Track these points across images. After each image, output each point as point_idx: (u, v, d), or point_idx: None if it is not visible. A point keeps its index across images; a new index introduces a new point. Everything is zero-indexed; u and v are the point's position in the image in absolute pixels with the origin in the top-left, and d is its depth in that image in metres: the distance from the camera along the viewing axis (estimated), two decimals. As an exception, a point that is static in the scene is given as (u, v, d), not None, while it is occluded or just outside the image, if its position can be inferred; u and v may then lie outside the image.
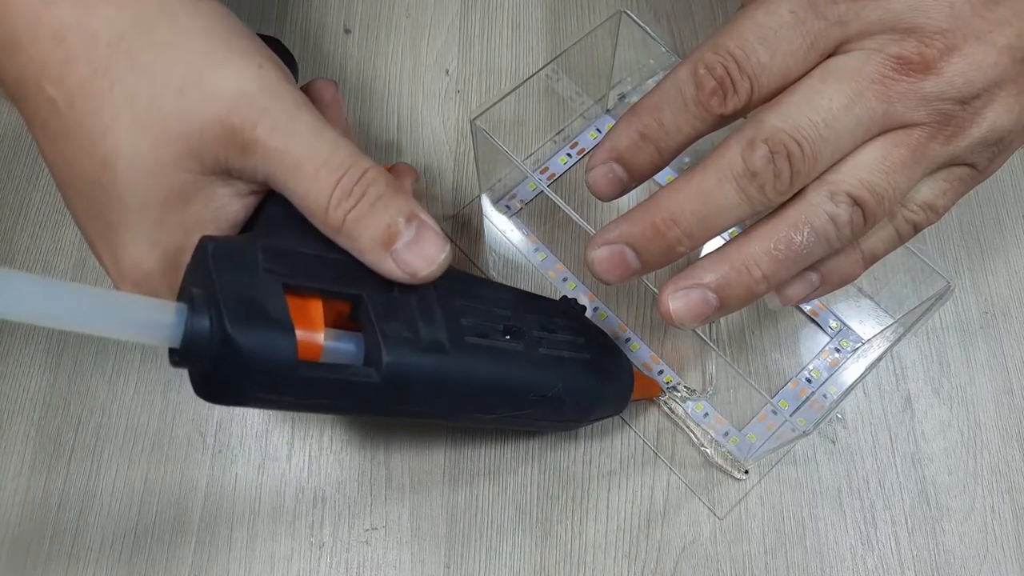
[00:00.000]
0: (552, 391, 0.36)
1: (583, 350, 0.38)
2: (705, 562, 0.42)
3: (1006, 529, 0.42)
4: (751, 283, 0.31)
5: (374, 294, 0.32)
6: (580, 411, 0.39)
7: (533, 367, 0.36)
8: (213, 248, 0.30)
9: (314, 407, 0.32)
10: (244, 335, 0.28)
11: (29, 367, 0.45)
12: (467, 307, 0.35)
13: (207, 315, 0.28)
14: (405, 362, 0.31)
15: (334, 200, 0.32)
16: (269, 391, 0.29)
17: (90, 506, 0.43)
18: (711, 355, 0.45)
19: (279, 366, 0.28)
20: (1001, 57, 0.30)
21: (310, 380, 0.30)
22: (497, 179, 0.49)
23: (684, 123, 0.31)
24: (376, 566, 0.42)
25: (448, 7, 0.55)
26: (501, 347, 0.35)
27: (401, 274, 0.32)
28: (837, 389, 0.45)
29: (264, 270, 0.30)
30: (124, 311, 0.27)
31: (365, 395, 0.31)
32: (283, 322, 0.29)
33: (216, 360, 0.28)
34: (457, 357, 0.33)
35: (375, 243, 0.32)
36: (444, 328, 0.33)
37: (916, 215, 0.33)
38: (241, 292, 0.29)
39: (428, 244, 0.33)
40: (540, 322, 0.38)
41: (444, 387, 0.33)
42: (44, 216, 0.49)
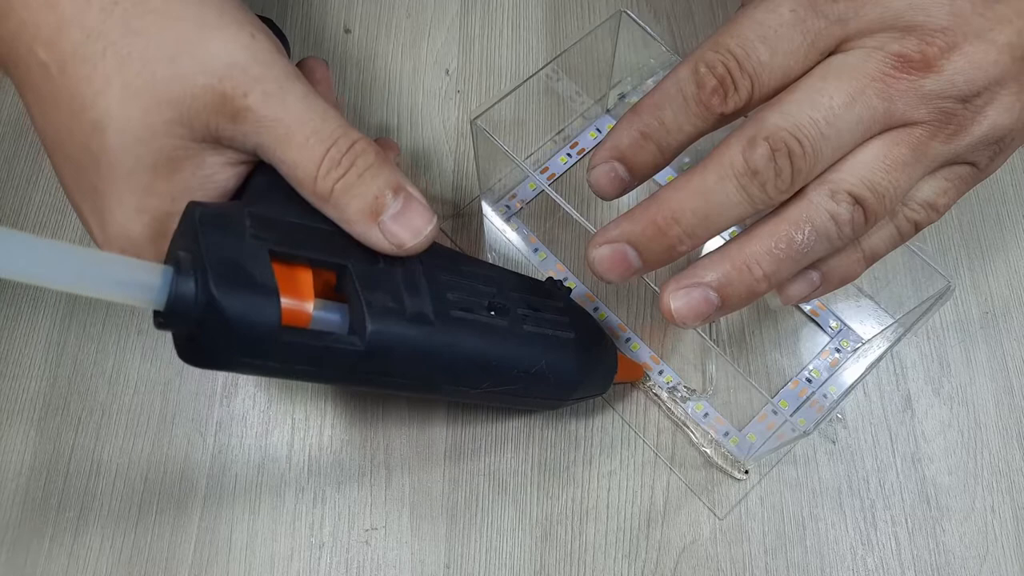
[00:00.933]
0: (535, 367, 0.37)
1: (567, 329, 0.39)
2: (705, 562, 0.42)
3: (1006, 529, 0.42)
4: (752, 282, 0.31)
5: (360, 265, 0.33)
6: (563, 389, 0.39)
7: (517, 343, 0.36)
8: (200, 213, 0.30)
9: (298, 374, 0.32)
10: (229, 298, 0.28)
11: (29, 367, 0.45)
12: (453, 282, 0.36)
13: (193, 278, 0.28)
14: (389, 331, 0.32)
15: (323, 170, 0.32)
16: (252, 355, 0.29)
17: (90, 506, 0.43)
18: (711, 355, 0.45)
19: (263, 330, 0.29)
20: (1002, 55, 0.30)
21: (294, 345, 0.30)
22: (497, 179, 0.49)
23: (685, 122, 0.32)
24: (376, 566, 0.42)
25: (448, 7, 0.55)
26: (485, 322, 0.35)
27: (388, 245, 0.33)
28: (837, 389, 0.45)
29: (251, 236, 0.30)
30: (110, 271, 0.27)
31: (349, 363, 0.32)
32: (268, 287, 0.29)
33: (200, 323, 0.28)
34: (441, 329, 0.33)
35: (362, 213, 0.33)
36: (429, 301, 0.34)
37: (917, 214, 0.33)
38: (227, 256, 0.29)
39: (415, 216, 0.33)
40: (525, 300, 0.38)
41: (427, 358, 0.33)
42: (44, 216, 0.49)
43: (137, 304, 0.28)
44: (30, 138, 0.51)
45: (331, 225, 0.33)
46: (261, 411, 0.45)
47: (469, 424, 0.44)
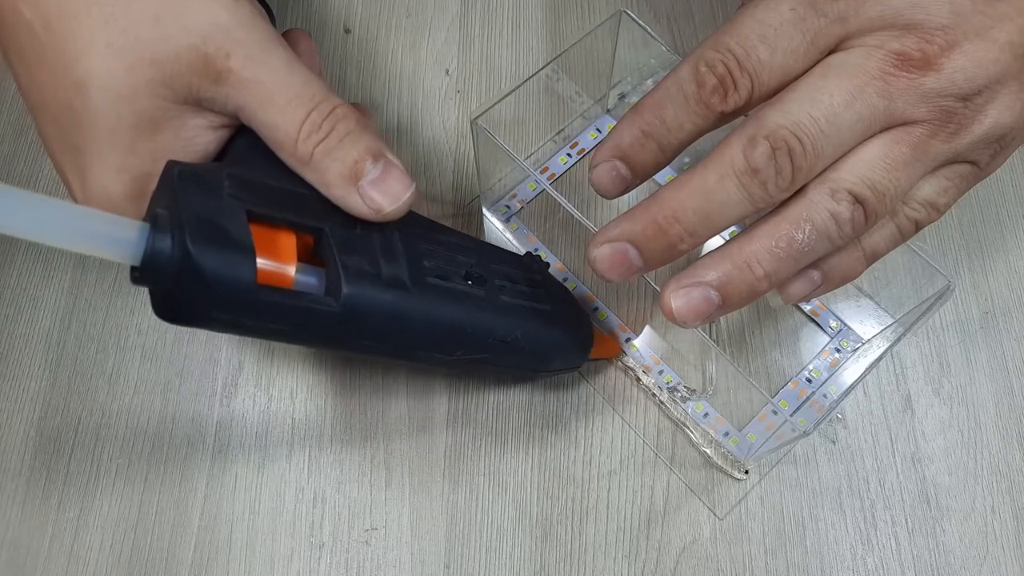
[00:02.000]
0: (510, 337, 0.37)
1: (543, 301, 0.39)
2: (705, 562, 0.42)
3: (1006, 529, 0.42)
4: (753, 281, 0.31)
5: (337, 229, 0.33)
6: (537, 359, 0.40)
7: (493, 312, 0.37)
8: (179, 171, 0.30)
9: (273, 333, 0.32)
10: (205, 254, 0.28)
11: (29, 367, 0.45)
12: (430, 251, 0.36)
13: (169, 234, 0.28)
14: (364, 294, 0.32)
15: (303, 133, 0.32)
16: (228, 312, 0.30)
17: (90, 506, 0.43)
18: (711, 355, 0.45)
19: (238, 287, 0.29)
20: (1002, 53, 0.30)
21: (269, 304, 0.30)
22: (497, 179, 0.49)
23: (686, 120, 0.32)
24: (376, 566, 0.42)
25: (448, 7, 0.55)
26: (461, 290, 0.36)
27: (366, 210, 0.33)
28: (837, 389, 0.45)
29: (229, 196, 0.31)
30: (87, 225, 0.27)
31: (324, 325, 0.32)
32: (244, 245, 0.29)
33: (176, 278, 0.28)
34: (417, 295, 0.34)
35: (342, 178, 0.33)
36: (406, 267, 0.34)
37: (918, 213, 0.33)
38: (204, 214, 0.29)
39: (394, 182, 0.34)
40: (503, 272, 0.38)
41: (402, 323, 0.34)
42: (44, 216, 0.49)
43: (114, 259, 0.28)
44: (30, 138, 0.51)
45: (310, 190, 0.34)
46: (261, 411, 0.45)
47: (469, 424, 0.44)
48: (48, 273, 0.47)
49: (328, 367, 0.46)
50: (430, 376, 0.45)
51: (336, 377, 0.45)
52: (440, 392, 0.45)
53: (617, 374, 0.45)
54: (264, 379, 0.45)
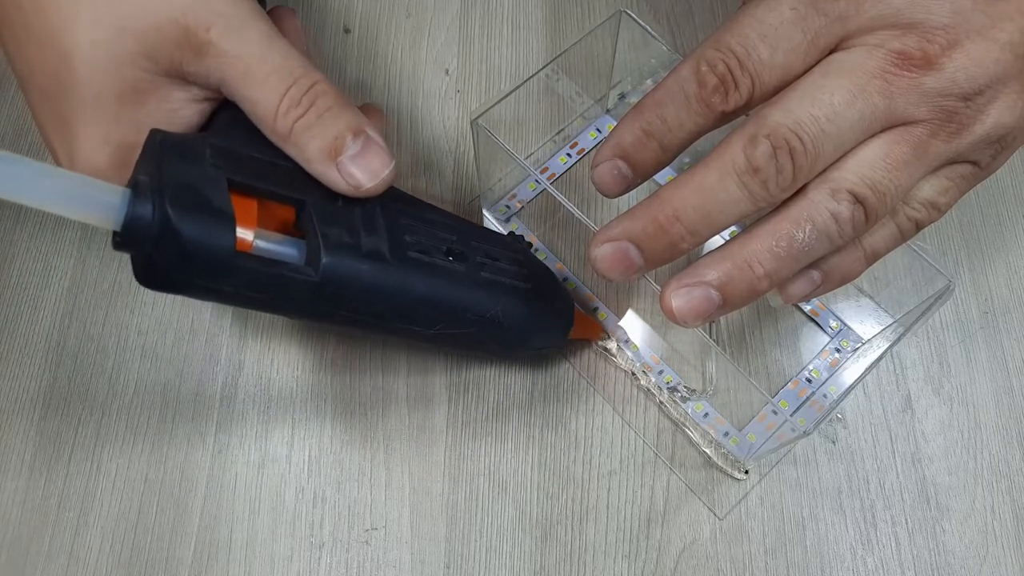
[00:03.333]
0: (489, 313, 0.37)
1: (524, 280, 0.39)
2: (705, 562, 0.42)
3: (1006, 529, 0.42)
4: (753, 280, 0.31)
5: (318, 201, 0.34)
6: (517, 337, 0.40)
7: (473, 287, 0.37)
8: (161, 139, 0.31)
9: (253, 302, 0.32)
10: (184, 221, 0.29)
11: (29, 367, 0.45)
12: (412, 226, 0.36)
13: (150, 200, 0.29)
14: (343, 264, 0.32)
15: (283, 108, 0.33)
16: (207, 278, 0.30)
17: (90, 506, 0.43)
18: (711, 355, 0.45)
19: (217, 253, 0.29)
20: (1004, 53, 0.30)
21: (248, 272, 0.31)
22: (497, 179, 0.49)
23: (687, 120, 0.32)
24: (376, 566, 0.42)
25: (448, 7, 0.55)
26: (442, 265, 0.36)
27: (345, 185, 0.34)
28: (837, 389, 0.45)
29: (210, 164, 0.31)
30: (70, 188, 0.28)
31: (302, 294, 0.32)
32: (224, 212, 0.30)
33: (156, 244, 0.29)
34: (396, 268, 0.34)
35: (321, 153, 0.33)
36: (386, 240, 0.34)
37: (918, 213, 0.33)
38: (185, 181, 0.30)
39: (373, 158, 0.34)
40: (484, 250, 0.39)
41: (381, 295, 0.34)
42: (44, 216, 0.49)
43: (95, 223, 0.29)
44: (30, 138, 0.51)
45: (293, 163, 0.34)
46: (261, 411, 0.45)
47: (469, 424, 0.44)
48: (48, 273, 0.47)
49: (328, 367, 0.46)
50: (430, 376, 0.45)
51: (336, 377, 0.45)
52: (440, 392, 0.45)
53: (618, 374, 0.45)
54: (264, 379, 0.45)
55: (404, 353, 0.46)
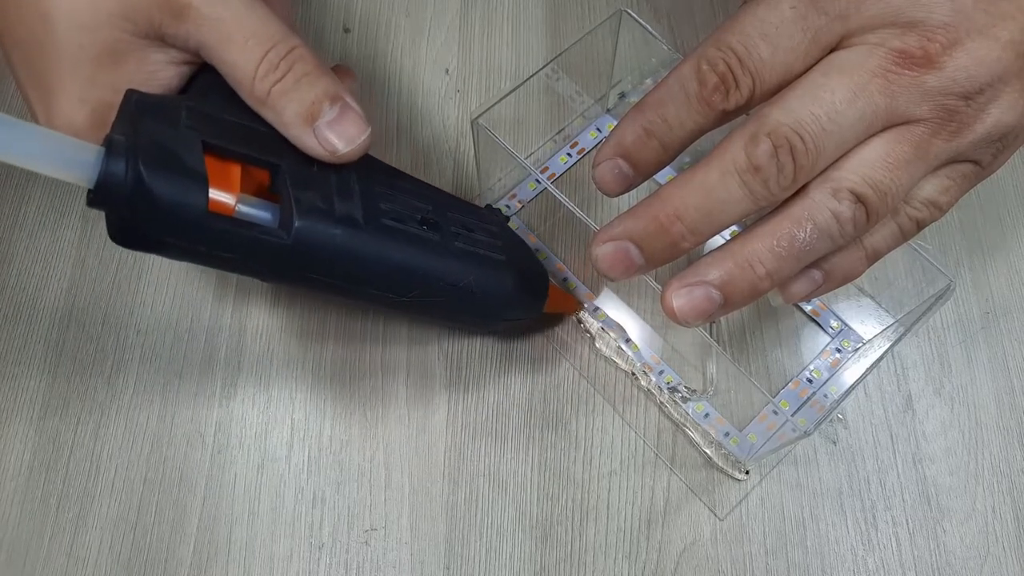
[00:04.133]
0: (462, 282, 0.38)
1: (498, 252, 0.40)
2: (705, 563, 0.42)
3: (1007, 529, 0.42)
4: (755, 280, 0.31)
5: (293, 166, 0.34)
6: (490, 307, 0.40)
7: (446, 256, 0.37)
8: (137, 99, 0.32)
9: (227, 263, 0.33)
10: (157, 179, 0.29)
11: (29, 367, 0.45)
12: (387, 195, 0.37)
13: (124, 159, 0.29)
14: (315, 228, 0.33)
15: (260, 72, 0.33)
16: (180, 237, 0.31)
17: (89, 506, 0.43)
18: (712, 355, 0.45)
19: (190, 213, 0.30)
20: (1004, 52, 0.29)
21: (221, 232, 0.31)
22: (497, 179, 0.49)
23: (688, 119, 0.32)
24: (376, 566, 0.42)
25: (448, 7, 0.55)
26: (416, 233, 0.37)
27: (321, 151, 0.34)
28: (838, 389, 0.45)
29: (185, 126, 0.32)
30: (45, 145, 0.28)
31: (275, 256, 0.33)
32: (197, 172, 0.30)
33: (130, 202, 0.29)
34: (370, 234, 0.35)
35: (298, 118, 0.34)
36: (360, 206, 0.35)
37: (919, 212, 0.33)
38: (159, 141, 0.30)
39: (350, 125, 0.34)
40: (460, 221, 0.39)
41: (354, 260, 0.34)
42: (43, 216, 0.49)
43: (70, 180, 0.29)
44: (29, 138, 0.51)
45: (269, 128, 0.35)
46: (261, 411, 0.45)
47: (469, 424, 0.44)
48: (48, 273, 0.47)
49: (328, 367, 0.46)
50: (430, 376, 0.45)
51: (336, 377, 0.45)
52: (440, 392, 0.45)
53: (618, 374, 0.45)
54: (264, 379, 0.45)
55: (404, 353, 0.46)
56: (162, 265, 0.47)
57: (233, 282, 0.47)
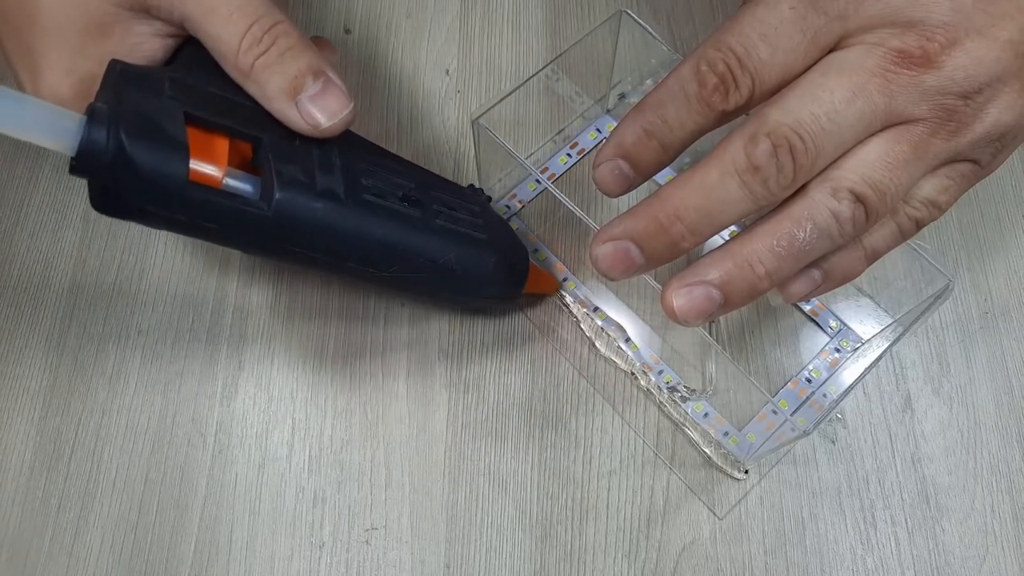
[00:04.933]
0: (443, 259, 0.38)
1: (480, 231, 0.40)
2: (705, 562, 0.42)
3: (1006, 529, 0.42)
4: (754, 279, 0.31)
5: (276, 140, 0.34)
6: (470, 285, 0.41)
7: (427, 233, 0.38)
8: (121, 69, 0.32)
9: (208, 233, 0.33)
10: (138, 148, 0.30)
11: (29, 367, 0.45)
12: (370, 171, 0.37)
13: (105, 127, 0.29)
14: (296, 201, 0.33)
15: (244, 45, 0.34)
16: (160, 206, 0.31)
17: (90, 506, 0.43)
18: (711, 355, 0.45)
19: (170, 181, 0.30)
20: (1004, 52, 0.30)
21: (202, 202, 0.31)
22: (497, 179, 0.49)
23: (687, 119, 0.32)
24: (376, 566, 0.42)
25: (448, 7, 0.55)
26: (397, 209, 0.37)
27: (304, 124, 0.35)
28: (837, 389, 0.45)
29: (168, 96, 0.32)
30: (28, 112, 0.29)
31: (255, 227, 0.33)
32: (178, 141, 0.31)
33: (111, 170, 0.30)
34: (350, 208, 0.35)
35: (281, 91, 0.34)
36: (342, 181, 0.35)
37: (919, 211, 0.33)
38: (142, 110, 0.31)
39: (332, 99, 0.35)
40: (441, 199, 0.40)
41: (334, 234, 0.35)
42: (44, 216, 0.49)
43: (53, 147, 0.29)
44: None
45: (253, 102, 0.35)
46: (261, 411, 0.45)
47: (469, 424, 0.44)
48: (48, 273, 0.47)
49: (328, 366, 0.46)
50: (430, 376, 0.45)
51: (336, 377, 0.45)
52: (440, 392, 0.45)
53: (617, 374, 0.45)
54: (264, 379, 0.45)
55: (405, 353, 0.46)
56: (163, 265, 0.48)
57: (234, 282, 0.47)
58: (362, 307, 0.47)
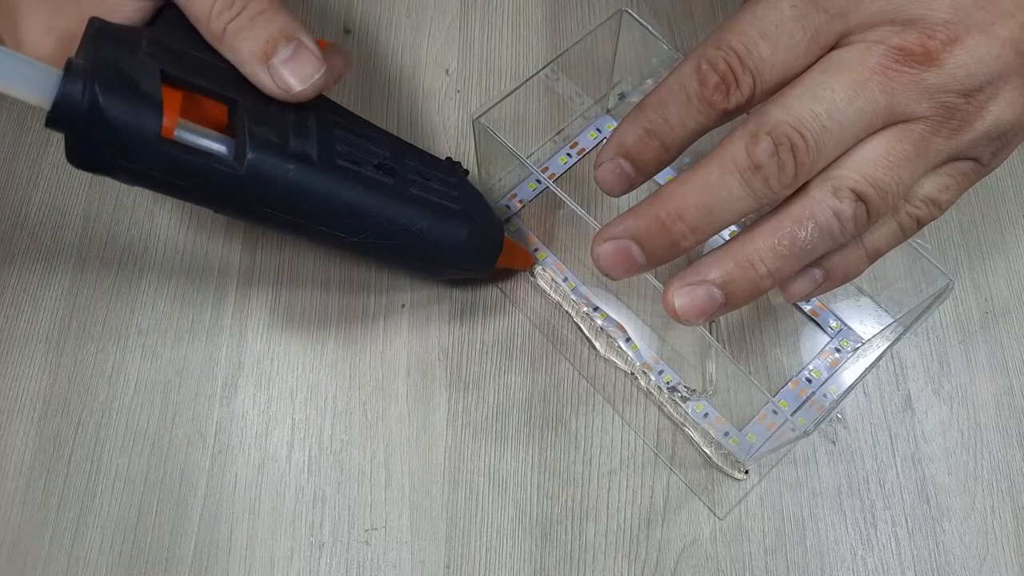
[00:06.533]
0: (415, 227, 0.39)
1: (455, 202, 0.41)
2: (705, 562, 0.42)
3: (1006, 529, 0.42)
4: (756, 279, 0.31)
5: (251, 103, 0.35)
6: (443, 254, 0.41)
7: (400, 200, 0.38)
8: (99, 26, 0.33)
9: (180, 190, 0.34)
10: (112, 103, 0.30)
11: (29, 367, 0.45)
12: (345, 138, 0.38)
13: (81, 81, 0.30)
14: (268, 162, 0.34)
15: (216, 9, 0.34)
16: (133, 161, 0.32)
17: (90, 506, 0.43)
18: (711, 355, 0.45)
19: (143, 137, 0.31)
20: (1004, 49, 0.30)
21: (175, 159, 0.32)
22: (497, 179, 0.49)
23: (688, 118, 0.32)
24: (376, 566, 0.42)
25: (448, 7, 0.55)
26: (370, 175, 0.38)
27: (276, 88, 0.35)
28: (837, 389, 0.45)
29: (145, 55, 0.33)
30: (5, 64, 0.29)
31: (227, 187, 0.34)
32: (152, 98, 0.31)
33: (85, 123, 0.30)
34: (323, 172, 0.36)
35: (253, 55, 0.35)
36: (316, 146, 0.36)
37: (919, 210, 0.33)
38: (118, 66, 0.31)
39: (304, 63, 0.35)
40: (417, 169, 0.40)
41: (306, 197, 0.35)
42: (44, 216, 0.49)
43: (29, 100, 0.30)
44: (30, 138, 0.51)
45: (229, 66, 0.35)
46: (261, 411, 0.45)
47: (469, 424, 0.44)
48: (48, 273, 0.47)
49: (328, 367, 0.46)
50: (430, 376, 0.45)
51: (336, 377, 0.45)
52: (440, 392, 0.45)
53: (617, 374, 0.45)
54: (264, 379, 0.45)
55: (405, 353, 0.46)
56: (163, 265, 0.48)
57: (234, 282, 0.47)
58: (362, 307, 0.47)
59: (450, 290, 0.47)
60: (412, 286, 0.47)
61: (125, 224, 0.49)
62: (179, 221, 0.49)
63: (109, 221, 0.49)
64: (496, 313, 0.47)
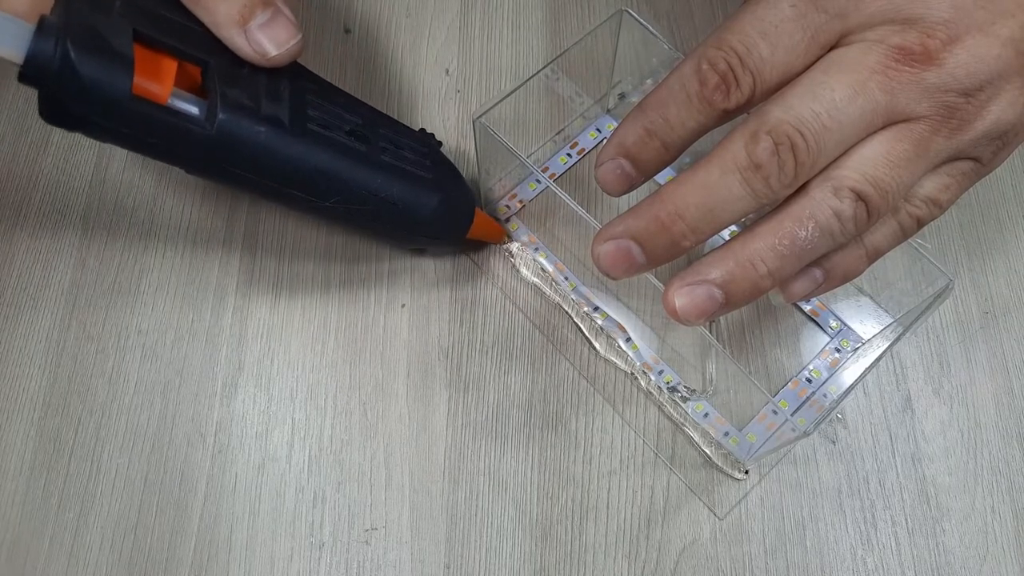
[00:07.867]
0: (385, 193, 0.39)
1: (427, 171, 0.41)
2: (705, 562, 0.42)
3: (1006, 529, 0.42)
4: (756, 279, 0.31)
5: (223, 65, 0.35)
6: (414, 223, 0.42)
7: (370, 167, 0.39)
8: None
9: (151, 148, 0.34)
10: (83, 59, 0.31)
11: (29, 367, 0.45)
12: (318, 104, 0.39)
13: (53, 37, 0.30)
14: (238, 123, 0.35)
15: None
16: (103, 117, 0.32)
17: (90, 506, 0.43)
18: (711, 355, 0.45)
19: (114, 94, 0.31)
20: (1005, 49, 0.30)
21: (146, 116, 0.33)
22: (497, 179, 0.49)
23: (688, 118, 0.32)
24: (376, 566, 0.42)
25: (448, 7, 0.55)
26: (341, 141, 0.38)
27: (251, 52, 0.36)
28: (837, 389, 0.45)
29: (119, 14, 0.33)
30: None
31: (197, 146, 0.34)
32: (123, 56, 0.32)
33: (56, 79, 0.31)
34: (294, 136, 0.36)
35: (229, 19, 0.35)
36: (288, 110, 0.36)
37: (920, 209, 0.33)
38: (90, 24, 0.32)
39: (280, 29, 0.36)
40: (389, 137, 0.41)
41: (275, 159, 0.36)
42: (44, 216, 0.49)
43: (2, 55, 0.30)
44: (30, 138, 0.51)
45: (204, 30, 0.36)
46: (261, 411, 0.45)
47: (469, 424, 0.44)
48: (48, 273, 0.47)
49: (328, 367, 0.46)
50: (430, 376, 0.45)
51: (336, 377, 0.45)
52: (440, 392, 0.45)
53: (617, 374, 0.45)
54: (264, 379, 0.45)
55: (405, 352, 0.46)
56: (163, 265, 0.48)
57: (234, 282, 0.47)
58: (362, 307, 0.47)
59: (450, 290, 0.47)
60: (412, 286, 0.47)
61: (125, 224, 0.48)
62: (179, 221, 0.49)
63: (109, 221, 0.49)
64: (496, 313, 0.47)
